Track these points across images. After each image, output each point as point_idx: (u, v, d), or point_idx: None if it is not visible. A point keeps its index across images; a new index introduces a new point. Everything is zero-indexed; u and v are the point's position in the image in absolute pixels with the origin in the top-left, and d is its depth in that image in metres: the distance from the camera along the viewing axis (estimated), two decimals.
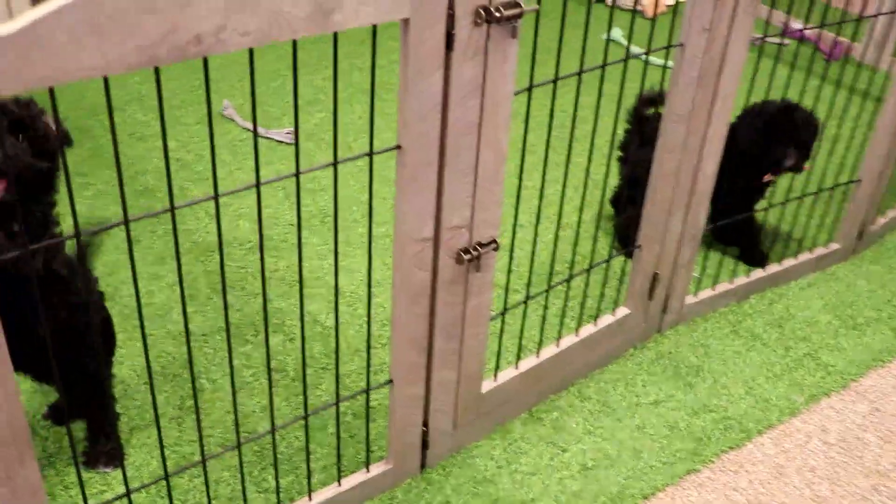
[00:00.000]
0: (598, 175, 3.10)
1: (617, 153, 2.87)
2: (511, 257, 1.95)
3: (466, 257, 1.72)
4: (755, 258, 2.73)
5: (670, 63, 2.46)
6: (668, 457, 2.07)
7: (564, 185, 1.94)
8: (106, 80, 1.17)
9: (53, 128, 1.64)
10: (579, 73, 1.79)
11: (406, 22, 1.39)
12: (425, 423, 1.93)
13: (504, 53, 1.55)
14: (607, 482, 1.99)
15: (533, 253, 1.97)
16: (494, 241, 1.76)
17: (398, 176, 1.55)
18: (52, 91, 1.13)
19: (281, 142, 3.34)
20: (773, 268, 2.68)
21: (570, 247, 2.77)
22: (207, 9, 1.17)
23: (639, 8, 4.77)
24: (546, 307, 2.13)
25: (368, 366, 1.72)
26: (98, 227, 1.24)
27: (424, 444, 1.96)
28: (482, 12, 1.46)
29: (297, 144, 1.41)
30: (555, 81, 1.73)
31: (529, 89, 1.69)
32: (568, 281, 2.09)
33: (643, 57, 3.77)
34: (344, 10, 1.31)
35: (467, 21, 1.46)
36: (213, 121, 3.36)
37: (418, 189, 1.57)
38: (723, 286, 2.57)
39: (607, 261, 2.17)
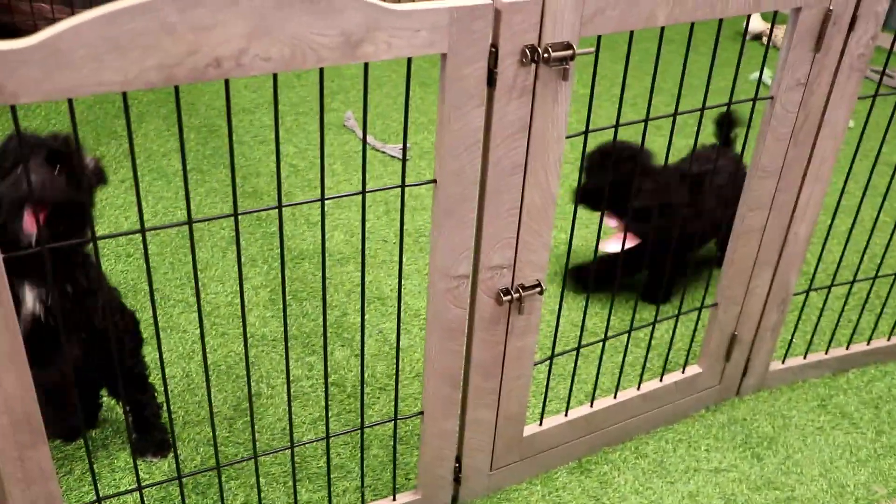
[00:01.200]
0: None
1: None
2: (587, 303, 1.89)
3: (506, 298, 1.68)
4: (653, 294, 2.58)
5: None
6: None
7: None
8: (125, 96, 1.22)
9: (91, 165, 1.71)
10: (643, 121, 1.72)
11: (444, 57, 1.38)
12: (458, 459, 1.90)
13: (555, 95, 1.51)
14: None
15: (587, 301, 1.90)
16: (539, 285, 1.71)
17: (434, 210, 1.54)
18: (72, 112, 1.19)
19: (394, 157, 3.39)
20: (880, 342, 2.49)
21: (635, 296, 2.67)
22: (228, 33, 1.20)
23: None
24: (602, 356, 2.05)
25: (396, 395, 1.71)
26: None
27: (457, 480, 1.93)
28: (529, 52, 1.43)
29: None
30: (616, 127, 1.67)
31: (586, 133, 1.64)
32: (629, 331, 2.00)
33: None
34: (375, 42, 1.31)
35: (512, 60, 1.43)
36: (332, 131, 3.45)
37: (454, 225, 1.55)
38: (816, 356, 2.40)
39: (677, 315, 2.07)
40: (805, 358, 2.38)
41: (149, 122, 3.47)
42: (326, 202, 3.04)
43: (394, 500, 1.89)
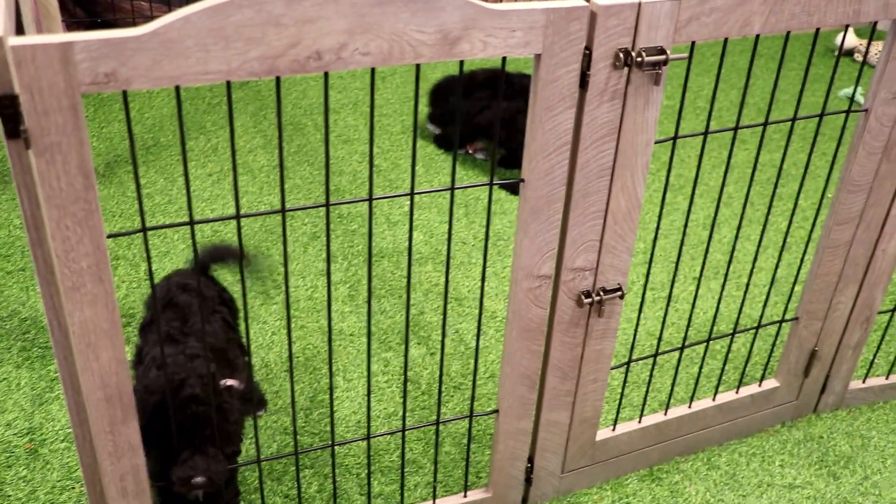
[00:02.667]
0: (776, 238, 2.92)
1: None
2: (671, 311, 1.89)
3: (587, 301, 1.69)
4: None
5: None
6: None
7: (734, 244, 1.85)
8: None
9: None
10: (732, 129, 1.71)
11: (538, 57, 1.39)
12: (531, 460, 1.91)
13: (646, 100, 1.52)
14: None
15: (666, 310, 1.90)
16: (620, 289, 1.72)
17: (520, 209, 1.55)
18: (178, 99, 1.23)
19: (477, 157, 3.41)
20: None
21: (733, 304, 2.63)
22: (330, 27, 1.23)
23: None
24: (679, 365, 2.04)
25: (473, 393, 1.73)
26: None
27: (528, 480, 1.94)
28: (622, 56, 1.44)
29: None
30: (705, 134, 1.66)
31: (674, 139, 1.64)
32: (707, 341, 1.99)
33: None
34: (472, 40, 1.33)
35: (605, 63, 1.44)
36: (412, 133, 3.49)
37: (540, 225, 1.56)
38: None
39: (757, 327, 2.05)
40: (887, 378, 2.33)
41: (236, 118, 3.55)
42: (408, 202, 3.08)
43: (465, 496, 1.91)
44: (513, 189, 3.25)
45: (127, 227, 2.81)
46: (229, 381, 1.72)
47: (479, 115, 3.34)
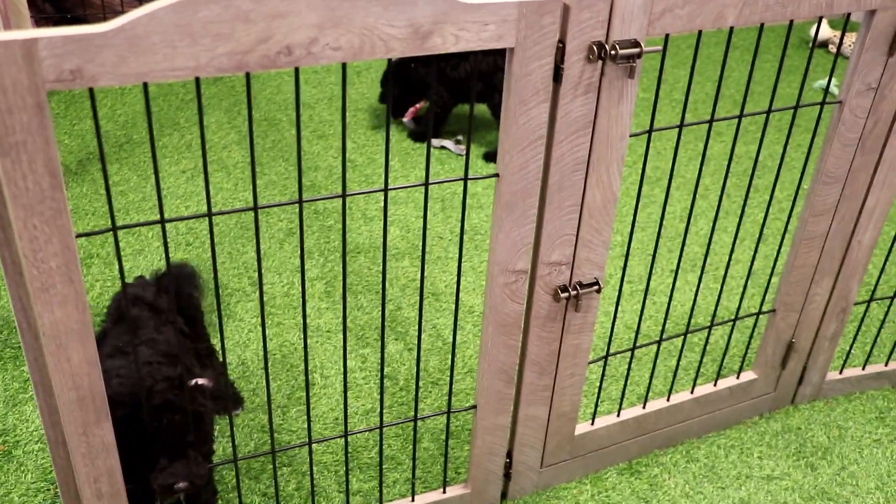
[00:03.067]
0: (752, 229, 2.93)
1: None
2: (648, 304, 1.89)
3: (564, 295, 1.68)
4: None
5: None
6: None
7: (711, 234, 1.85)
8: (197, 81, 1.24)
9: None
10: (707, 122, 1.71)
11: (511, 51, 1.38)
12: (509, 455, 1.91)
13: (620, 93, 1.51)
14: None
15: (643, 303, 1.90)
16: (597, 283, 1.71)
17: (495, 204, 1.54)
18: (146, 96, 1.21)
19: (451, 151, 3.40)
20: None
21: (710, 297, 2.64)
22: (300, 22, 1.22)
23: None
24: (657, 358, 2.04)
25: (451, 389, 1.72)
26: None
27: (507, 476, 1.94)
28: (595, 49, 1.43)
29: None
30: (680, 127, 1.66)
31: (650, 132, 1.63)
32: (685, 334, 1.99)
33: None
34: (443, 34, 1.32)
35: (579, 56, 1.43)
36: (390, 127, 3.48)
37: (515, 220, 1.55)
38: (875, 367, 2.36)
39: (734, 320, 2.05)
40: (864, 369, 2.34)
41: (210, 114, 3.52)
42: (381, 196, 3.06)
43: (444, 492, 1.90)
44: (493, 158, 3.29)
45: (100, 224, 2.78)
46: (199, 381, 1.70)
47: (454, 72, 3.34)
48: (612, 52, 1.44)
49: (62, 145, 3.22)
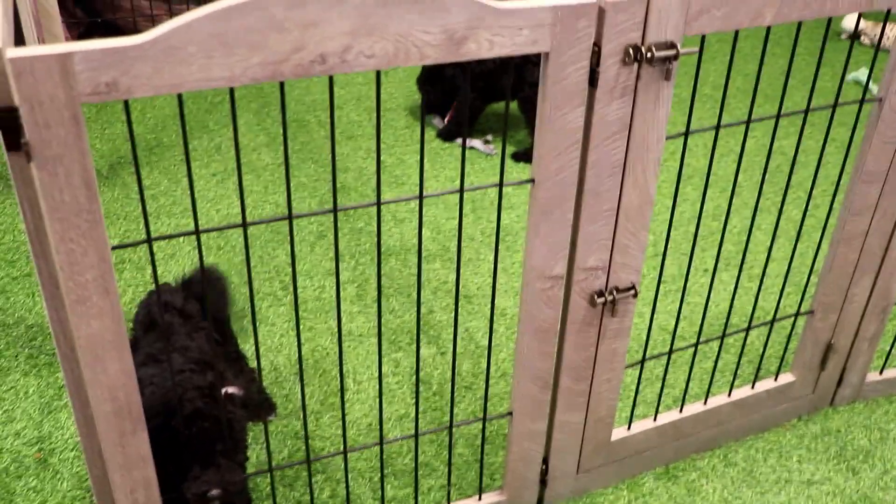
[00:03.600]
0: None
1: None
2: (683, 305, 1.86)
3: (600, 300, 1.66)
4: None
5: None
6: None
7: (748, 236, 1.82)
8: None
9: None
10: (744, 122, 1.68)
11: (546, 56, 1.36)
12: (545, 461, 1.89)
13: (656, 95, 1.48)
14: None
15: (680, 305, 1.87)
16: (633, 288, 1.69)
17: (530, 209, 1.52)
18: (181, 106, 1.21)
19: (481, 152, 3.38)
20: None
21: (745, 297, 2.61)
22: (334, 30, 1.20)
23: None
24: (693, 361, 2.01)
25: (486, 396, 1.70)
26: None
27: (543, 482, 1.92)
28: (632, 52, 1.41)
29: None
30: (717, 128, 1.63)
31: (686, 134, 1.61)
32: (722, 336, 1.96)
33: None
34: (478, 39, 1.30)
35: (615, 59, 1.41)
36: (417, 128, 3.46)
37: (551, 225, 1.53)
38: None
39: (772, 321, 2.02)
40: None
41: (239, 116, 3.52)
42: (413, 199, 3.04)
43: (479, 499, 1.89)
44: (527, 158, 3.30)
45: (132, 229, 2.79)
46: (230, 389, 1.70)
47: (481, 66, 3.32)
48: (649, 55, 1.41)
49: (93, 150, 3.24)
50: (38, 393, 2.20)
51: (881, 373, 2.28)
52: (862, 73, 4.06)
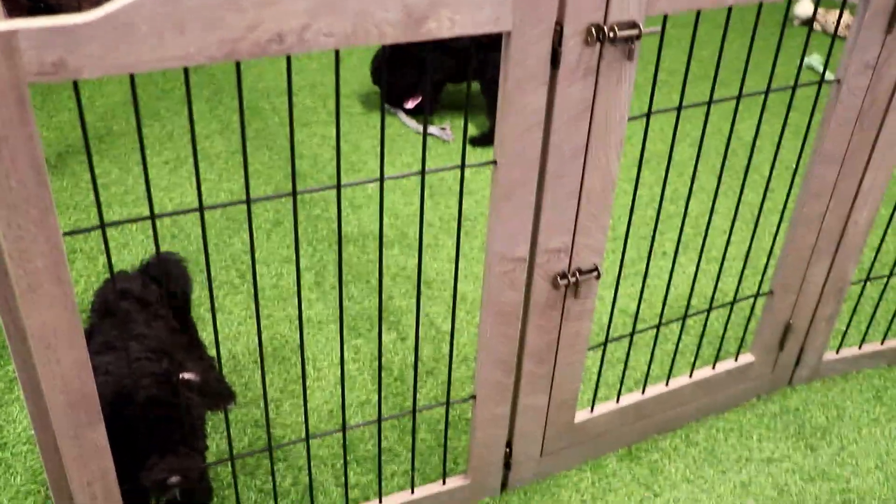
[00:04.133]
0: (749, 209, 2.91)
1: None
2: (644, 289, 1.86)
3: (563, 282, 1.65)
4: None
5: None
6: None
7: (711, 215, 1.83)
8: (186, 72, 1.20)
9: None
10: (706, 103, 1.68)
11: (507, 35, 1.34)
12: (509, 444, 1.88)
13: (619, 75, 1.47)
14: None
15: (642, 288, 1.87)
16: (596, 269, 1.68)
17: (492, 192, 1.51)
18: (133, 89, 1.17)
19: (438, 138, 3.36)
20: None
21: (703, 280, 2.62)
22: (292, 8, 1.17)
23: (842, 33, 4.46)
24: (655, 343, 2.01)
25: (449, 380, 1.68)
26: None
27: (507, 465, 1.91)
28: (594, 31, 1.39)
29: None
30: (679, 109, 1.63)
31: (648, 115, 1.60)
32: (683, 318, 1.97)
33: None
34: (439, 18, 1.28)
35: (577, 39, 1.39)
36: (375, 114, 3.43)
37: (513, 208, 1.52)
38: (872, 346, 2.35)
39: (732, 303, 2.03)
40: (860, 349, 2.33)
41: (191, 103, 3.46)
42: (369, 185, 3.02)
43: (443, 483, 1.88)
44: (484, 142, 3.27)
45: (82, 219, 2.72)
46: (186, 375, 1.66)
47: (455, 42, 3.25)
48: (611, 35, 1.40)
49: (40, 138, 3.16)
50: None
51: (837, 352, 2.31)
52: (815, 59, 4.10)
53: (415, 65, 3.37)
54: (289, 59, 1.24)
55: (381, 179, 1.40)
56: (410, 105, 3.46)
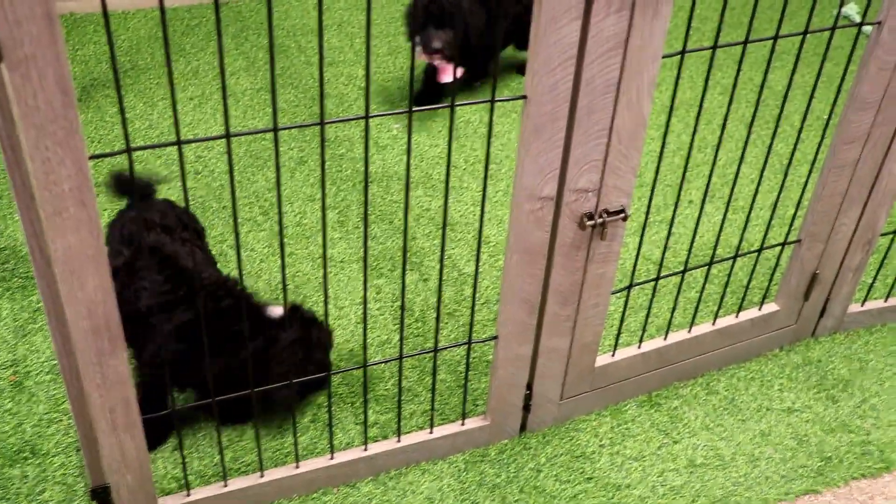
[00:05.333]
0: (781, 160, 2.87)
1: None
2: (669, 237, 1.83)
3: (590, 223, 1.63)
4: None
5: None
6: (787, 471, 1.91)
7: (740, 163, 1.79)
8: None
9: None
10: (741, 43, 1.63)
11: None
12: (529, 386, 1.88)
13: (654, 10, 1.44)
14: (713, 484, 1.87)
15: (669, 235, 1.85)
16: (624, 211, 1.66)
17: (522, 127, 1.48)
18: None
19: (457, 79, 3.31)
20: None
21: (728, 229, 2.59)
22: None
23: None
24: (679, 290, 1.99)
25: (472, 320, 1.68)
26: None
27: (527, 408, 1.91)
28: None
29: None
30: (714, 48, 1.59)
31: (683, 53, 1.56)
32: (709, 265, 1.95)
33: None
34: None
35: None
36: (403, 54, 3.38)
37: (542, 144, 1.49)
38: None
39: (759, 251, 2.00)
40: (885, 301, 2.31)
41: (215, 41, 3.43)
42: (394, 126, 2.99)
43: (462, 424, 1.88)
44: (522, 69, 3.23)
45: (116, 150, 2.71)
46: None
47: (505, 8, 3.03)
48: None
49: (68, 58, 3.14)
50: (11, 316, 2.15)
51: (863, 304, 2.28)
52: (851, 9, 4.01)
53: (454, 24, 2.90)
54: None
55: (410, 112, 1.37)
56: (447, 78, 3.01)
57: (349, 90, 3.18)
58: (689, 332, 2.04)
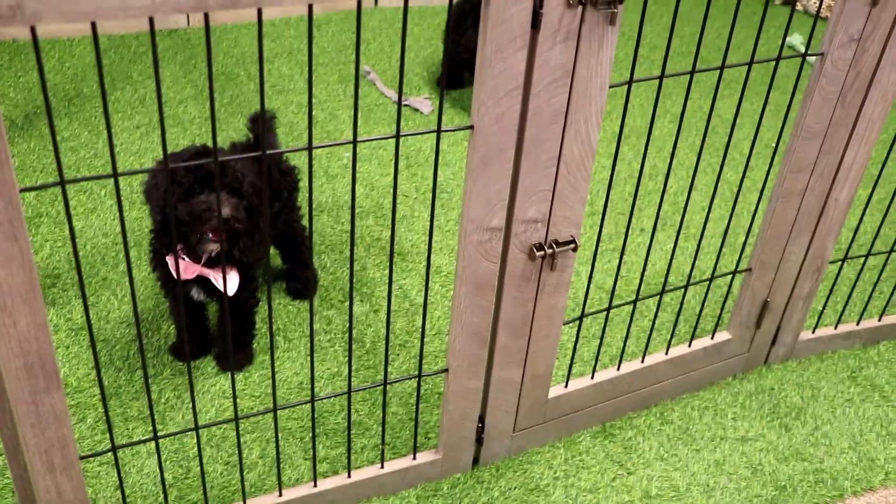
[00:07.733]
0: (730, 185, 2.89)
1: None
2: (621, 265, 1.82)
3: (539, 254, 1.61)
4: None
5: None
6: (742, 501, 1.90)
7: (689, 191, 1.79)
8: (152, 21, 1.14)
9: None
10: (688, 73, 1.64)
11: None
12: (481, 419, 1.85)
13: (600, 40, 1.43)
14: None
15: (619, 263, 1.84)
16: (574, 242, 1.65)
17: (468, 158, 1.47)
18: (95, 38, 1.11)
19: (417, 110, 3.30)
20: None
21: (680, 257, 2.60)
22: None
23: (824, 13, 4.43)
24: (632, 320, 1.98)
25: (422, 352, 1.65)
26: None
27: (479, 441, 1.88)
28: None
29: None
30: (661, 78, 1.59)
31: (630, 83, 1.56)
32: (661, 294, 1.94)
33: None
34: None
35: (559, 1, 1.35)
36: (352, 84, 3.37)
37: (490, 175, 1.48)
38: (847, 326, 2.33)
39: (710, 279, 2.00)
40: (836, 328, 2.32)
41: (164, 68, 3.38)
42: (344, 154, 2.96)
43: (414, 458, 1.84)
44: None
45: (49, 182, 2.65)
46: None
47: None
48: None
49: (7, 98, 3.07)
50: None
51: (814, 331, 2.29)
52: (796, 39, 4.08)
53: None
54: (259, 12, 1.19)
55: (354, 142, 1.35)
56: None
57: (298, 118, 3.15)
58: (643, 361, 2.03)
